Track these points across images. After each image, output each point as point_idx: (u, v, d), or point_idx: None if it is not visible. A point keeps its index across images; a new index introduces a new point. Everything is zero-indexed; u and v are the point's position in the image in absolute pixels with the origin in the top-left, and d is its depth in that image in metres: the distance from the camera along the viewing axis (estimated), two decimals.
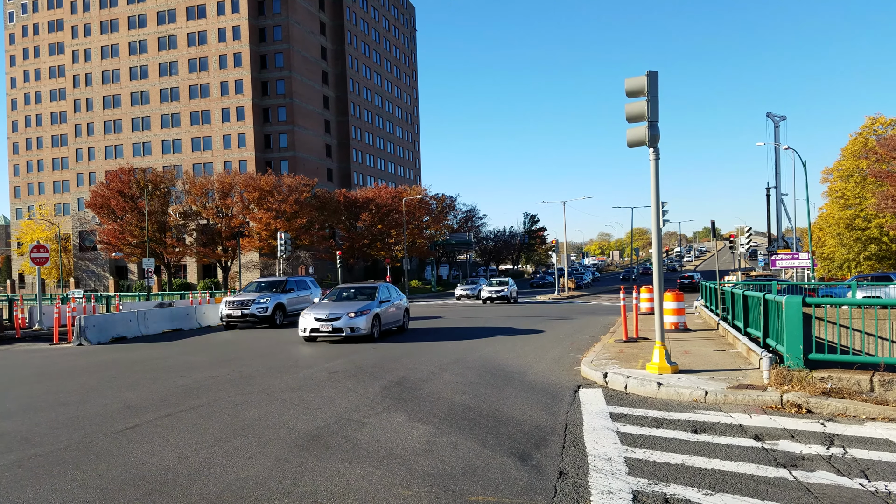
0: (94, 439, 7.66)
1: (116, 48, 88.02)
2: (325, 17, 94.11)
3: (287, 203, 63.23)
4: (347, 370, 12.64)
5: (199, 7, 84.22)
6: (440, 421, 8.15)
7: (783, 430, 7.35)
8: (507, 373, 11.94)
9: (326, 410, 8.95)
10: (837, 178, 58.49)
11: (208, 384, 11.46)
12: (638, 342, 15.17)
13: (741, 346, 12.72)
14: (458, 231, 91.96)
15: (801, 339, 9.31)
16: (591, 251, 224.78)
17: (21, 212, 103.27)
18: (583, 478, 5.85)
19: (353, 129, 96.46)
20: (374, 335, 18.02)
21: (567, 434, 7.41)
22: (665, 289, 14.40)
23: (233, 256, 66.77)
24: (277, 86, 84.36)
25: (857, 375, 8.73)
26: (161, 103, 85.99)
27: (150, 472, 6.31)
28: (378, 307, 18.54)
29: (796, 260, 37.24)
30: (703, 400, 9.00)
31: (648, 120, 10.77)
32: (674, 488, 5.53)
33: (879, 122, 55.75)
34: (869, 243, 55.19)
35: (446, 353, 14.85)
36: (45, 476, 6.27)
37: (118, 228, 65.09)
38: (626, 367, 11.25)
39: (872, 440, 6.89)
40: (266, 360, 14.74)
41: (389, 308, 19.51)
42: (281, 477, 6.03)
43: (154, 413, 9.09)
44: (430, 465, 6.31)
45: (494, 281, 44.66)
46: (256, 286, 26.07)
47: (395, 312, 20.11)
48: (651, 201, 11.19)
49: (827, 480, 5.66)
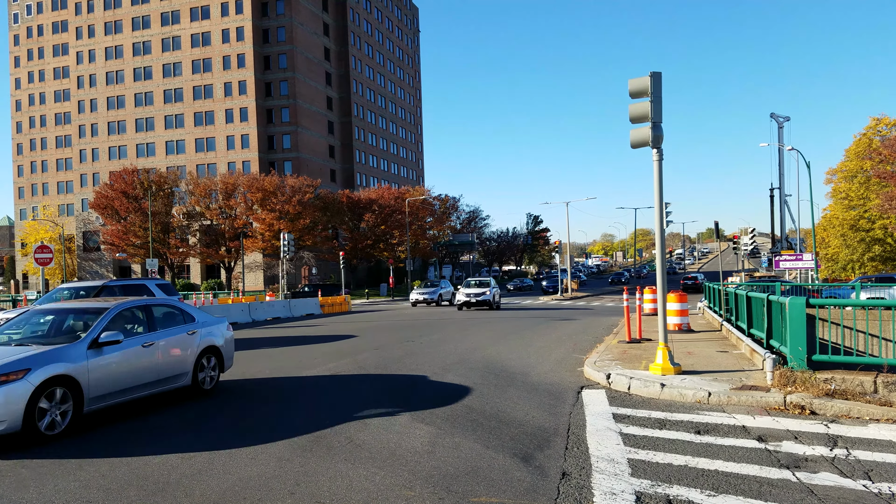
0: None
1: (120, 49, 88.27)
2: (329, 18, 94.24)
3: (290, 204, 63.32)
4: (350, 371, 12.65)
5: (203, 8, 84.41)
6: (443, 422, 8.15)
7: (786, 432, 7.34)
8: (511, 374, 11.94)
9: (328, 411, 8.96)
10: (841, 178, 58.37)
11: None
12: (641, 343, 15.15)
13: (744, 348, 12.70)
14: (462, 232, 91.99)
15: (804, 340, 9.28)
16: (595, 252, 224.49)
17: (25, 212, 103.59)
18: (586, 479, 5.85)
19: (356, 129, 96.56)
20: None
21: (570, 435, 7.40)
22: (668, 290, 14.38)
23: (236, 257, 66.88)
24: (281, 87, 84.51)
25: (861, 377, 8.70)
26: (165, 104, 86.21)
27: (152, 472, 6.32)
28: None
29: (800, 261, 37.14)
30: (707, 401, 8.99)
31: (652, 121, 10.76)
32: (677, 489, 5.52)
33: (884, 122, 55.61)
34: (873, 244, 55.05)
35: (449, 354, 14.85)
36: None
37: (122, 229, 65.25)
38: (629, 369, 11.24)
39: (876, 442, 6.87)
40: (270, 361, 14.76)
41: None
42: (284, 477, 6.04)
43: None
44: (432, 465, 6.31)
45: (473, 282, 36.89)
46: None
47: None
48: (654, 202, 11.18)
49: (830, 482, 5.65)
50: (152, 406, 9.48)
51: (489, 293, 34.54)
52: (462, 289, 35.74)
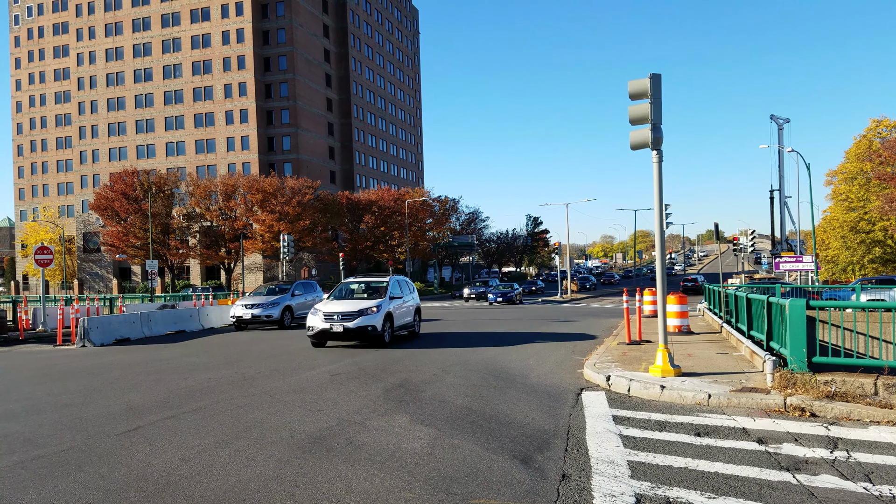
0: (98, 441, 7.67)
1: (121, 51, 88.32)
2: (329, 19, 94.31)
3: (290, 205, 63.33)
4: (350, 372, 12.64)
5: (204, 10, 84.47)
6: (442, 423, 8.15)
7: (787, 434, 7.33)
8: (510, 375, 11.92)
9: (328, 413, 8.95)
10: (841, 180, 58.37)
11: (210, 386, 11.47)
12: (641, 345, 15.14)
13: (744, 349, 12.69)
14: (461, 233, 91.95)
15: (804, 342, 9.27)
16: (594, 253, 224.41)
17: (25, 214, 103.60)
18: (585, 481, 5.84)
19: (356, 131, 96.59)
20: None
21: (570, 437, 7.39)
22: (668, 291, 14.37)
23: (236, 258, 66.88)
24: (281, 88, 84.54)
25: (861, 379, 8.70)
26: (165, 106, 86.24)
27: (152, 473, 6.31)
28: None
29: (800, 263, 37.14)
30: (707, 403, 8.98)
31: (651, 122, 10.76)
32: (676, 491, 5.51)
33: (884, 124, 55.63)
34: (873, 246, 55.05)
35: (449, 356, 14.84)
36: (48, 477, 6.28)
37: (122, 230, 65.27)
38: (628, 370, 11.23)
39: (876, 444, 6.86)
40: (269, 361, 14.74)
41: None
42: (283, 479, 6.03)
43: (156, 415, 9.10)
44: (432, 467, 6.30)
45: (353, 286, 25.24)
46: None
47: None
48: (654, 204, 11.17)
49: (830, 484, 5.64)
50: None
51: (376, 314, 16.67)
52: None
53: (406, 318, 18.59)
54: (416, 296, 19.98)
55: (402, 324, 18.25)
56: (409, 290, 19.52)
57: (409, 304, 18.91)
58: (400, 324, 17.99)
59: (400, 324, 17.99)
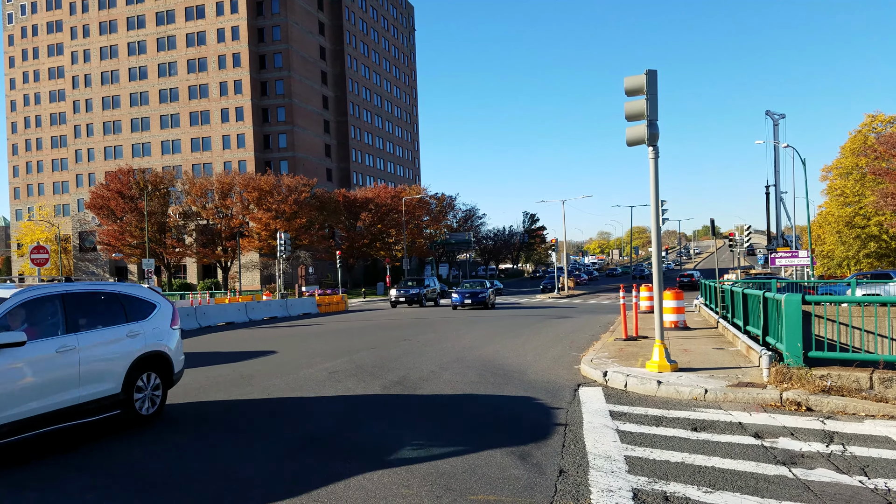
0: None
1: (115, 49, 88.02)
2: (324, 17, 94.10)
3: (286, 203, 63.25)
4: (348, 370, 12.65)
5: (198, 7, 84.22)
6: (440, 420, 8.16)
7: (783, 428, 7.36)
8: (507, 372, 11.95)
9: (326, 409, 8.96)
10: (837, 175, 58.46)
11: (210, 385, 11.46)
12: (638, 341, 15.18)
13: (741, 345, 12.73)
14: (458, 230, 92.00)
15: (800, 336, 9.31)
16: (591, 250, 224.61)
17: (21, 213, 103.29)
18: (583, 476, 5.86)
19: (352, 128, 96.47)
20: None
21: (567, 432, 7.42)
22: (664, 287, 14.40)
23: (233, 257, 66.79)
24: (276, 86, 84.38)
25: (857, 373, 8.74)
26: (160, 104, 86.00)
27: (152, 474, 6.32)
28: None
29: (796, 258, 37.26)
30: (703, 398, 9.01)
31: (647, 118, 10.76)
32: (674, 486, 5.54)
33: (879, 119, 55.74)
34: (868, 241, 55.18)
35: (446, 353, 14.87)
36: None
37: (118, 229, 65.11)
38: (625, 366, 11.26)
39: (872, 438, 6.90)
40: (267, 361, 14.75)
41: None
42: (281, 477, 6.05)
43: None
44: (430, 464, 6.32)
45: None
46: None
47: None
48: (650, 200, 11.19)
49: (826, 478, 5.67)
50: None
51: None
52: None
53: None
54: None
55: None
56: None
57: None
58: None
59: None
